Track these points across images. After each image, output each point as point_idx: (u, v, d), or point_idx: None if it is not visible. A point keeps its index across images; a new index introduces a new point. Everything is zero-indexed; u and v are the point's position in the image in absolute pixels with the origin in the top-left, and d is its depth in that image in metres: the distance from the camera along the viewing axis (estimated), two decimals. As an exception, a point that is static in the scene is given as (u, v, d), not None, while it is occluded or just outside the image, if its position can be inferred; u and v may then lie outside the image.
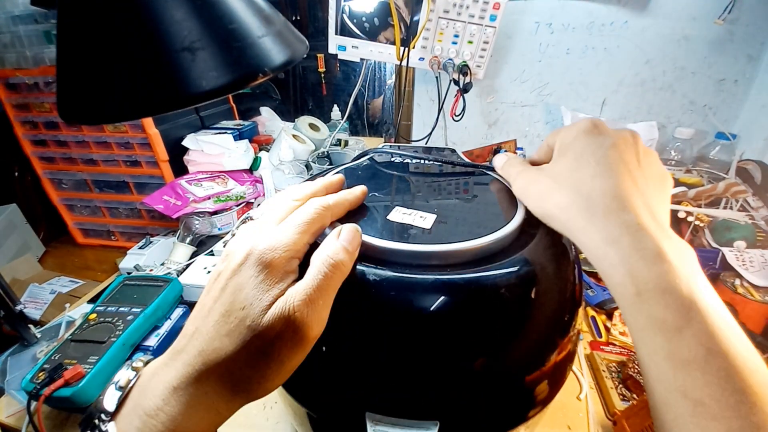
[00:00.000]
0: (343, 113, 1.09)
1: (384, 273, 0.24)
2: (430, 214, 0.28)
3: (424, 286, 0.23)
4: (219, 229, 0.83)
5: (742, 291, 0.58)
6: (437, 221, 0.28)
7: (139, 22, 0.19)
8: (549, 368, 0.26)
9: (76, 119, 0.21)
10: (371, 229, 0.26)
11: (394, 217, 0.28)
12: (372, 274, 0.24)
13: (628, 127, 0.95)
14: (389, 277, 0.24)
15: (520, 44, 0.97)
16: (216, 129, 0.99)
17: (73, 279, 0.83)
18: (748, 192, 0.72)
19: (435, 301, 0.23)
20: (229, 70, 0.20)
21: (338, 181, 0.29)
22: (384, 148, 0.42)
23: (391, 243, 0.25)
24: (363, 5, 0.78)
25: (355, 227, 0.24)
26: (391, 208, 0.29)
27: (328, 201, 0.25)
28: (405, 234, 0.26)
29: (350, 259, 0.23)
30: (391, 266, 0.24)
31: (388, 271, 0.24)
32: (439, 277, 0.23)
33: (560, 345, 0.27)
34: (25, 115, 0.86)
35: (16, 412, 0.49)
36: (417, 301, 0.23)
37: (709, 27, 0.87)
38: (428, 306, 0.23)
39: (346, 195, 0.27)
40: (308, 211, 0.24)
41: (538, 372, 0.26)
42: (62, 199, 0.95)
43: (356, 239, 0.24)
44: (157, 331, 0.55)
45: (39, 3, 0.36)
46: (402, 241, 0.25)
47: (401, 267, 0.24)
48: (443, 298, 0.23)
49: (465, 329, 0.23)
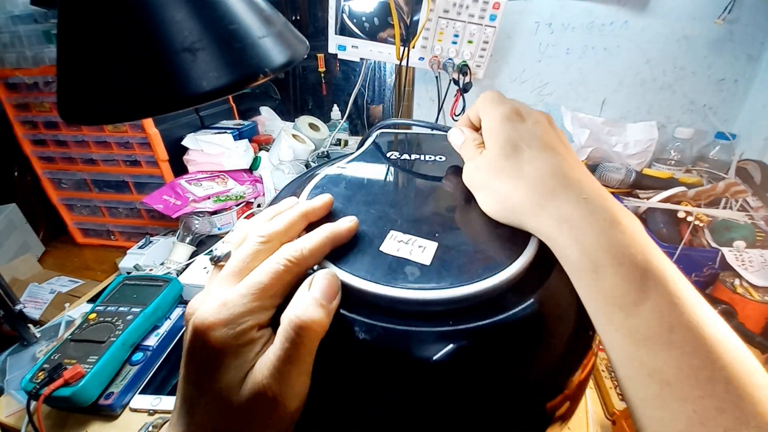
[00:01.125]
0: (343, 113, 1.09)
1: (377, 324, 0.20)
2: (430, 243, 0.24)
3: (423, 340, 0.20)
4: (219, 228, 0.83)
5: (742, 291, 0.58)
6: (439, 251, 0.23)
7: (139, 23, 0.19)
8: (571, 390, 0.23)
9: (76, 119, 0.21)
10: (360, 265, 0.22)
11: (387, 248, 0.24)
12: (362, 327, 0.20)
13: (627, 126, 0.95)
14: (382, 330, 0.20)
15: (520, 44, 0.97)
16: (216, 129, 0.99)
17: (73, 279, 0.83)
18: (747, 192, 0.72)
19: (440, 356, 0.20)
20: (229, 71, 0.20)
21: (322, 206, 0.25)
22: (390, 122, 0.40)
23: (384, 288, 0.21)
24: (363, 5, 0.78)
25: (330, 274, 0.21)
26: (385, 233, 0.25)
27: (303, 250, 0.21)
28: (401, 273, 0.22)
29: (326, 314, 0.19)
30: (385, 317, 0.21)
31: (382, 322, 0.20)
32: (441, 329, 0.20)
33: (582, 365, 0.24)
34: (25, 114, 0.86)
35: (15, 411, 0.49)
36: (416, 356, 0.20)
37: (709, 27, 0.87)
38: (428, 362, 0.20)
39: (326, 235, 0.22)
40: (273, 268, 0.20)
41: (560, 397, 0.23)
42: (62, 199, 0.95)
43: (332, 288, 0.20)
44: (157, 330, 0.55)
45: (39, 3, 0.36)
46: (397, 285, 0.21)
47: (398, 317, 0.21)
48: (449, 351, 0.20)
49: (473, 383, 0.20)
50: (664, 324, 0.18)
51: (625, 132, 0.95)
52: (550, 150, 0.24)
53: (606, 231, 0.20)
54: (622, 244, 0.20)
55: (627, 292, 0.19)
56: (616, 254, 0.20)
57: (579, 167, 0.24)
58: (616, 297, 0.20)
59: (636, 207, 0.75)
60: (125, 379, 0.48)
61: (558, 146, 0.25)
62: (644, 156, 0.92)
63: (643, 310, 0.19)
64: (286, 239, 0.23)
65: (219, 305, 0.19)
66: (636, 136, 0.93)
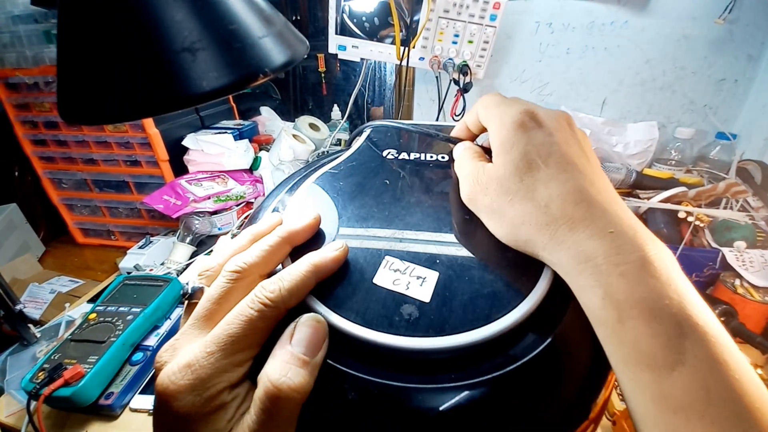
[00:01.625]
0: (343, 113, 1.09)
1: (369, 381, 0.18)
2: (430, 272, 0.21)
3: (425, 399, 0.17)
4: (219, 228, 0.83)
5: (742, 291, 0.58)
6: (440, 283, 0.20)
7: (139, 23, 0.19)
8: (594, 415, 0.21)
9: (77, 119, 0.21)
10: (352, 304, 0.19)
11: (381, 280, 0.21)
12: (351, 385, 0.18)
13: (628, 126, 0.95)
14: (376, 388, 0.17)
15: (520, 44, 0.97)
16: (216, 129, 0.99)
17: (73, 279, 0.83)
18: (748, 192, 0.72)
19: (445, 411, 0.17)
20: (229, 71, 0.20)
21: (306, 228, 0.22)
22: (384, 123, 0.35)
23: (376, 334, 0.18)
24: (363, 5, 0.78)
25: (316, 320, 0.18)
26: (380, 259, 0.22)
27: (281, 291, 0.18)
28: (396, 314, 0.19)
29: (308, 373, 0.17)
30: (379, 367, 0.18)
31: (375, 376, 0.18)
32: (448, 385, 0.17)
33: (601, 396, 0.21)
34: (25, 114, 0.86)
35: (15, 411, 0.49)
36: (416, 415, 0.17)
37: (709, 27, 0.86)
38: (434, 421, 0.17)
39: (309, 270, 0.19)
40: (241, 316, 0.17)
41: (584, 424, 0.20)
42: (62, 199, 0.95)
43: (318, 338, 0.18)
44: (157, 330, 0.55)
45: (39, 3, 0.36)
46: (392, 330, 0.18)
47: (393, 369, 0.18)
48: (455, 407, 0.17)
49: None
50: (702, 395, 0.15)
51: (626, 132, 0.95)
52: (570, 167, 0.20)
53: (636, 275, 0.17)
54: (656, 293, 0.17)
55: (660, 352, 0.16)
56: (648, 305, 0.17)
57: (605, 188, 0.20)
58: (647, 356, 0.16)
59: (636, 207, 0.75)
60: (125, 379, 0.48)
61: (580, 160, 0.21)
62: (645, 156, 0.92)
63: (678, 376, 0.16)
64: (265, 271, 0.20)
65: (183, 367, 0.16)
66: (636, 136, 0.93)
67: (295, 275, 0.19)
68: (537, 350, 0.18)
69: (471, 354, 0.18)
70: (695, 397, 0.16)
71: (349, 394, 0.18)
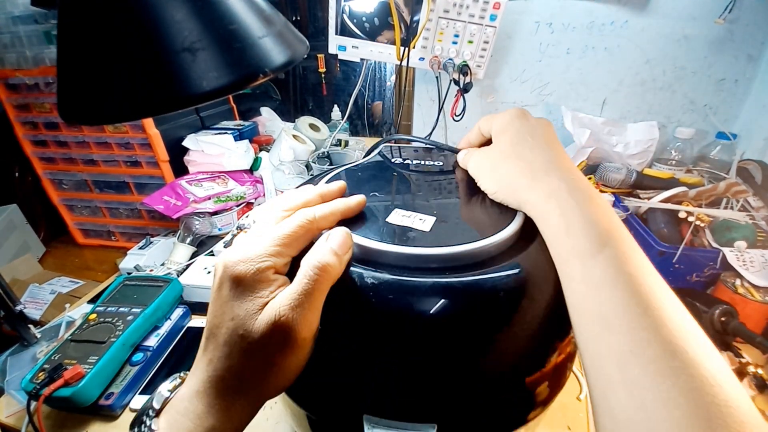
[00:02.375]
0: (343, 113, 1.09)
1: (382, 276, 0.23)
2: (429, 217, 0.28)
3: (422, 289, 0.23)
4: (219, 229, 0.83)
5: (743, 291, 0.58)
6: (437, 223, 0.27)
7: (139, 23, 0.19)
8: (549, 369, 0.26)
9: (77, 119, 0.21)
10: (370, 231, 0.26)
11: (393, 220, 0.28)
12: (370, 277, 0.24)
13: (628, 126, 0.95)
14: (387, 280, 0.23)
15: (520, 44, 0.97)
16: (216, 129, 0.99)
17: (73, 279, 0.83)
18: (748, 192, 0.72)
19: (433, 304, 0.23)
20: (229, 71, 0.20)
21: (337, 190, 0.29)
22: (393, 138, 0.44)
23: (389, 246, 0.25)
24: (363, 5, 0.78)
25: (344, 231, 0.24)
26: (391, 210, 0.29)
27: (315, 213, 0.25)
28: (404, 237, 0.26)
29: (339, 262, 0.23)
30: (390, 269, 0.24)
31: (386, 274, 0.24)
32: (437, 280, 0.23)
33: (560, 347, 0.27)
34: (26, 115, 0.86)
35: (16, 412, 0.49)
36: (415, 304, 0.23)
37: (709, 27, 0.86)
38: (426, 309, 0.23)
39: (337, 206, 0.27)
40: (290, 225, 0.24)
41: (538, 374, 0.26)
42: (62, 200, 0.95)
43: (346, 242, 0.24)
44: (157, 331, 0.55)
45: (39, 3, 0.36)
46: (400, 244, 0.25)
47: (399, 270, 0.24)
48: (442, 301, 0.23)
49: (463, 332, 0.23)
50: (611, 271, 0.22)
51: (626, 132, 0.95)
52: (548, 145, 0.29)
53: (583, 202, 0.25)
54: (594, 213, 0.24)
55: (588, 246, 0.23)
56: (587, 219, 0.24)
57: (569, 161, 0.29)
58: (579, 250, 0.23)
59: (637, 207, 0.75)
60: (125, 380, 0.48)
61: (555, 144, 0.30)
62: (645, 156, 0.92)
63: (598, 261, 0.22)
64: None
65: (243, 247, 0.23)
66: (636, 136, 0.93)
67: (326, 207, 0.26)
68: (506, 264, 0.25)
69: (457, 262, 0.25)
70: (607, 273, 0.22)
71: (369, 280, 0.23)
